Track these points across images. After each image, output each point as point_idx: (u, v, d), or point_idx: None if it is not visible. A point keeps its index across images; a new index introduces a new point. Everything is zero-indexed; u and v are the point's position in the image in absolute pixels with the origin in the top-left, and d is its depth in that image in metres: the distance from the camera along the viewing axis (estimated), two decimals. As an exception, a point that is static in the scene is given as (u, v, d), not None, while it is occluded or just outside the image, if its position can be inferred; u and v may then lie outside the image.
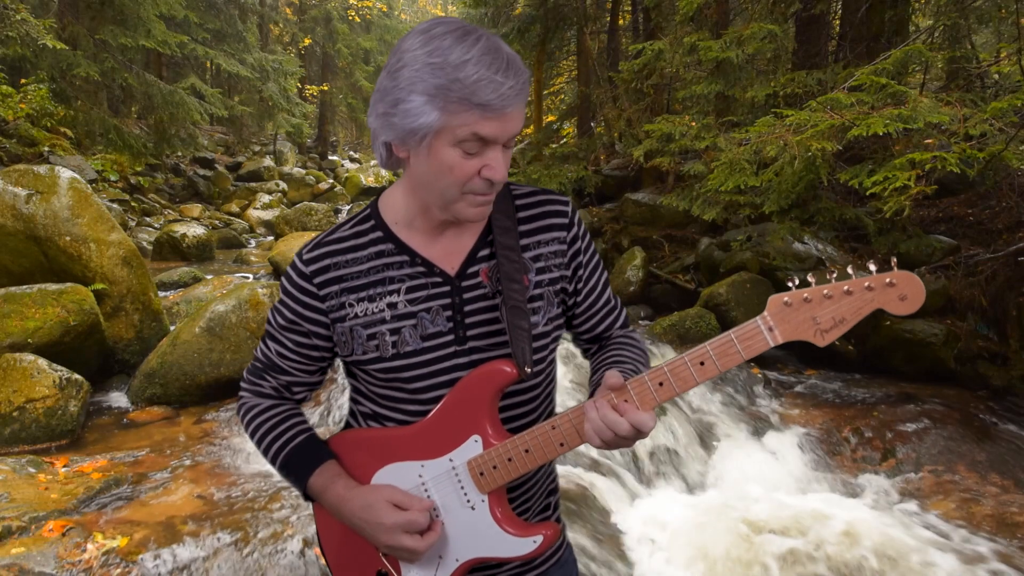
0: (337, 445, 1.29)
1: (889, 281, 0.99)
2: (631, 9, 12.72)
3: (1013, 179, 6.01)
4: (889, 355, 5.54)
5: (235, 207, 16.62)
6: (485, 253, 1.22)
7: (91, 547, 2.87)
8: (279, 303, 1.26)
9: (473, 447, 1.17)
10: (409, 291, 1.19)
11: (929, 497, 3.82)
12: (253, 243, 13.72)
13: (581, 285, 1.30)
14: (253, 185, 18.26)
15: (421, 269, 1.20)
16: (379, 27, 27.47)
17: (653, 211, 8.91)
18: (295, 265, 1.22)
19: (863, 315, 1.01)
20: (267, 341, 1.30)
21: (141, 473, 3.75)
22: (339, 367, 1.45)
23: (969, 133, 4.14)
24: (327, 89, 25.49)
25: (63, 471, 3.69)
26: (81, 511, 3.23)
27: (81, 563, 2.78)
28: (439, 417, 1.19)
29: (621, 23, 12.97)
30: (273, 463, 1.30)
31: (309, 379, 1.33)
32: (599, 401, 1.09)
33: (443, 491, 1.20)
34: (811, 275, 1.04)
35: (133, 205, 13.09)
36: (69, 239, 5.14)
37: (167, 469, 3.82)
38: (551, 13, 11.42)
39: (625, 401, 1.08)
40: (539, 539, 1.18)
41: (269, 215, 16.01)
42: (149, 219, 13.25)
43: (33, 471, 3.61)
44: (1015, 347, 5.20)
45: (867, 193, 4.48)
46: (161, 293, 7.14)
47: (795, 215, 5.85)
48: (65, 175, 5.35)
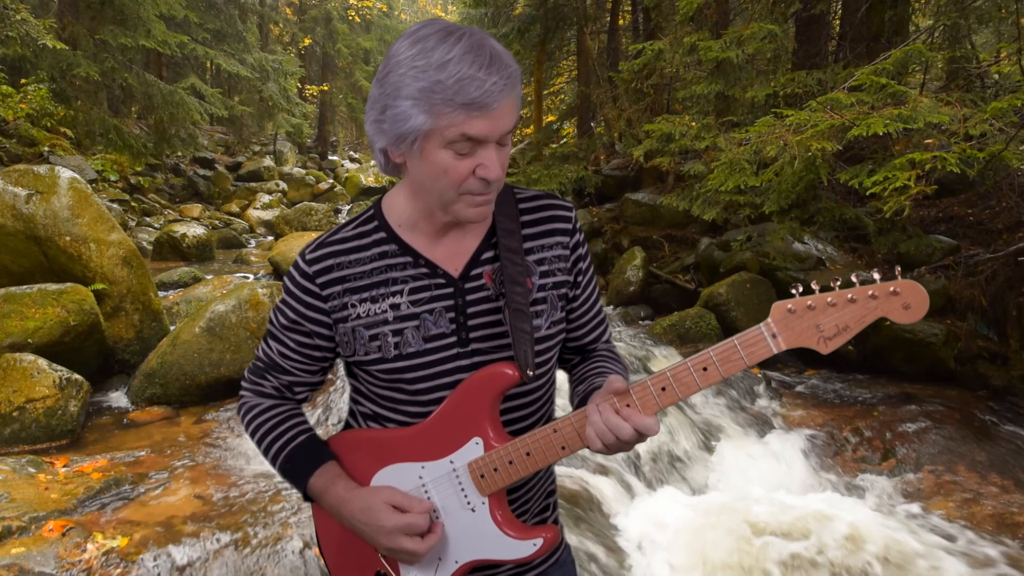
0: (337, 446, 1.29)
1: (893, 290, 0.99)
2: (631, 9, 12.72)
3: (1013, 179, 6.01)
4: (889, 355, 5.54)
5: (235, 207, 16.61)
6: (489, 255, 1.21)
7: (91, 547, 2.87)
8: (281, 303, 1.26)
9: (474, 449, 1.17)
10: (412, 292, 1.19)
11: (930, 497, 3.82)
12: (253, 243, 13.72)
13: (579, 292, 1.30)
14: (253, 185, 18.25)
15: (425, 270, 1.19)
16: (379, 27, 27.45)
17: (653, 211, 8.91)
18: (298, 265, 1.22)
19: (867, 323, 1.02)
20: (269, 341, 1.30)
21: (141, 473, 3.74)
22: (339, 368, 1.45)
23: (969, 133, 4.14)
24: (327, 89, 25.49)
25: (63, 471, 3.69)
26: (81, 511, 3.23)
27: (81, 563, 2.78)
28: (440, 419, 1.19)
29: (621, 23, 12.97)
30: (273, 463, 1.30)
31: (310, 379, 1.32)
32: (602, 405, 1.09)
33: (443, 493, 1.20)
34: (814, 282, 1.04)
35: (133, 205, 13.09)
36: (69, 239, 5.13)
37: (167, 469, 3.82)
38: (551, 13, 11.42)
39: (627, 405, 1.08)
40: (539, 542, 1.18)
41: (269, 215, 16.01)
42: (149, 219, 13.24)
43: (33, 471, 3.61)
44: (1015, 347, 5.20)
45: (867, 193, 4.48)
46: (161, 293, 7.14)
47: (795, 215, 5.85)
48: (65, 175, 5.35)
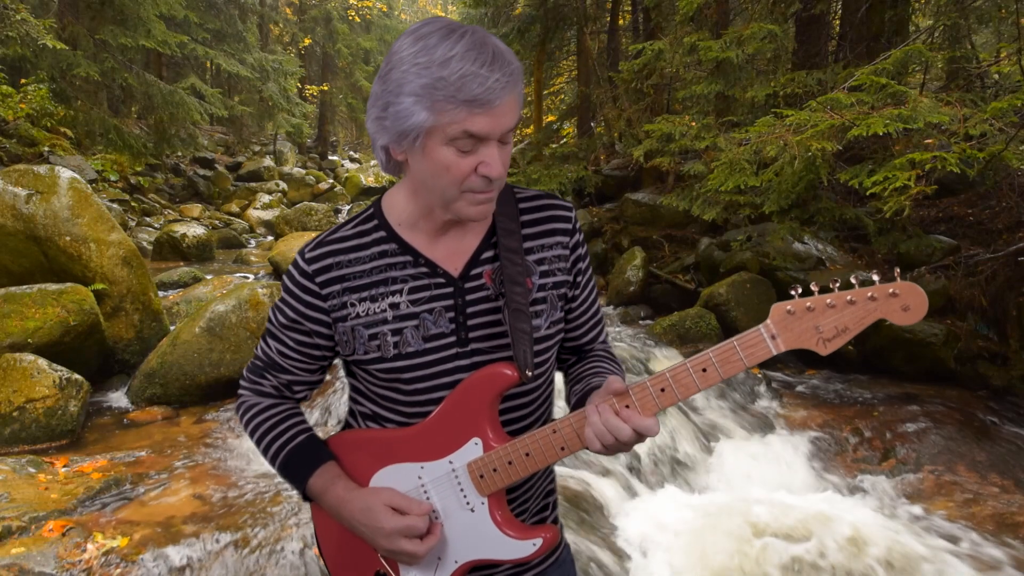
0: (336, 446, 1.29)
1: (892, 291, 0.99)
2: (631, 9, 12.72)
3: (1013, 179, 6.01)
4: (889, 355, 5.54)
5: (235, 207, 16.62)
6: (489, 255, 1.21)
7: (91, 547, 2.87)
8: (280, 301, 1.25)
9: (473, 449, 1.17)
10: (412, 292, 1.18)
11: (930, 498, 3.81)
12: (253, 243, 13.73)
13: (578, 292, 1.30)
14: (253, 185, 18.26)
15: (424, 270, 1.19)
16: (379, 27, 27.47)
17: (653, 211, 8.92)
18: (297, 264, 1.22)
19: (866, 325, 1.02)
20: (268, 339, 1.30)
21: (141, 473, 3.74)
22: (339, 369, 1.45)
23: (969, 133, 4.14)
24: (327, 89, 25.49)
25: (63, 471, 3.69)
26: (81, 511, 3.23)
27: (81, 563, 2.78)
28: (439, 419, 1.18)
29: (621, 23, 12.97)
30: (272, 463, 1.30)
31: (310, 378, 1.32)
32: (601, 405, 1.09)
33: (442, 493, 1.19)
34: (814, 283, 1.04)
35: (133, 205, 13.09)
36: (69, 239, 5.13)
37: (167, 469, 3.82)
38: (551, 13, 11.43)
39: (626, 406, 1.08)
40: (538, 542, 1.18)
41: (269, 215, 16.01)
42: (149, 219, 13.25)
43: (33, 471, 3.61)
44: (1015, 347, 5.20)
45: (867, 193, 4.48)
46: (161, 293, 7.14)
47: (795, 215, 5.85)
48: (65, 175, 5.35)
